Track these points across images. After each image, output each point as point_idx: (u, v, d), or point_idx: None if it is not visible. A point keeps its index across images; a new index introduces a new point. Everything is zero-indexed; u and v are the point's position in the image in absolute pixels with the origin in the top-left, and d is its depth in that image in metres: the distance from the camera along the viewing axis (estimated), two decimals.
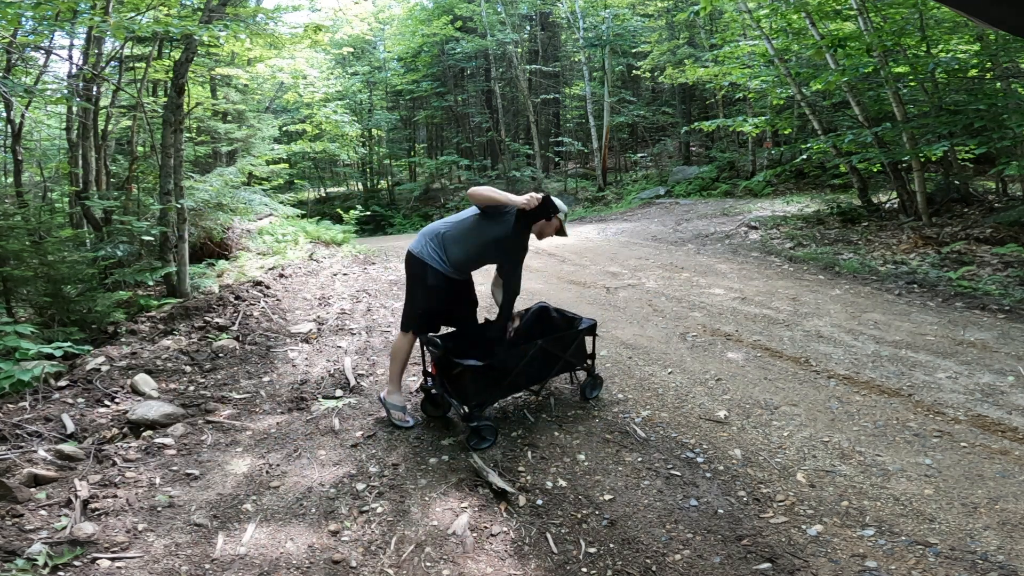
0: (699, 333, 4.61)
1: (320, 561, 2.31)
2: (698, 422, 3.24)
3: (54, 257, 4.98)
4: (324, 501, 2.70)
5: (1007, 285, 5.21)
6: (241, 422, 3.55)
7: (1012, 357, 3.81)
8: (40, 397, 3.71)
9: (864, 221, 8.12)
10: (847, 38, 7.34)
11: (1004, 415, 3.09)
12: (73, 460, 3.05)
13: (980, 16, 1.00)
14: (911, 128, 7.24)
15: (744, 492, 2.61)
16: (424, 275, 3.14)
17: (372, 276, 7.47)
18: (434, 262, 3.13)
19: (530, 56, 20.71)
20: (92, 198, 6.25)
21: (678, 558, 2.25)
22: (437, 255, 3.15)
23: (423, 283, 3.15)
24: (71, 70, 7.02)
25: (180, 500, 2.74)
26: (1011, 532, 2.24)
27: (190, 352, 4.66)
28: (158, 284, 6.35)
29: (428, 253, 3.14)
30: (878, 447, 2.88)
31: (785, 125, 10.94)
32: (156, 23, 5.07)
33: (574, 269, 7.22)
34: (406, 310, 3.33)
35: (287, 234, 9.40)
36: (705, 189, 14.39)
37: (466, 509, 2.60)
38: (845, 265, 6.39)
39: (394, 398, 3.36)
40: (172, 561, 2.32)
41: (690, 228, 9.72)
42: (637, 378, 3.83)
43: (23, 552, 2.28)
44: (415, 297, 3.23)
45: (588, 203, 16.09)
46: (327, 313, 5.72)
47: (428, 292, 3.16)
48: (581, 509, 2.56)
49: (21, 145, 6.54)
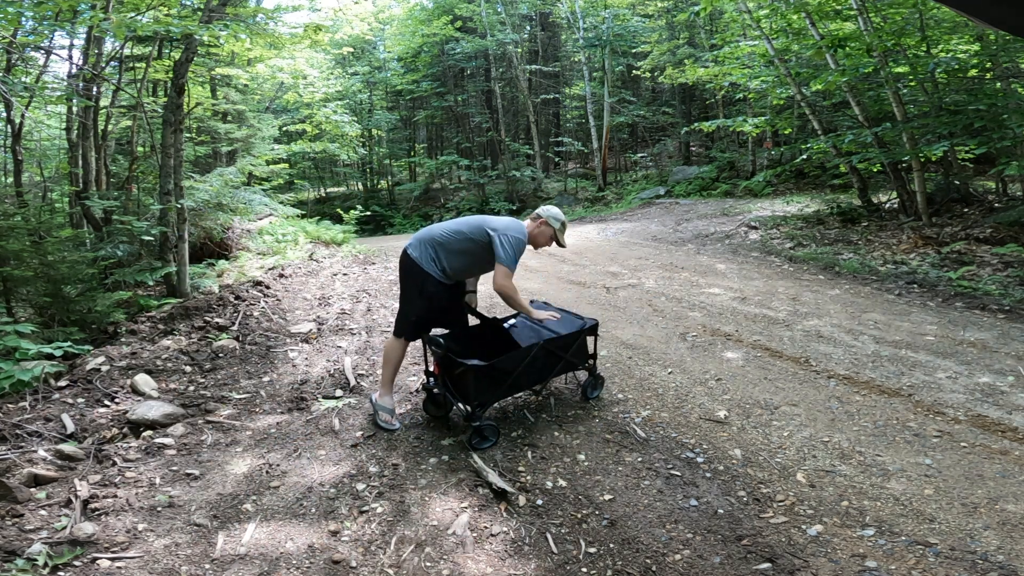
0: (699, 333, 4.61)
1: (320, 561, 2.31)
2: (698, 422, 3.24)
3: (54, 257, 4.98)
4: (324, 501, 2.70)
5: (1007, 285, 5.21)
6: (241, 422, 3.54)
7: (1012, 357, 3.81)
8: (40, 397, 3.71)
9: (864, 221, 8.12)
10: (847, 38, 7.34)
11: (1004, 415, 3.09)
12: (73, 460, 3.05)
13: (980, 16, 1.00)
14: (911, 128, 7.24)
15: (744, 492, 2.61)
16: (423, 284, 3.14)
17: (372, 276, 7.46)
18: (433, 271, 3.14)
19: (530, 56, 20.72)
20: (92, 198, 6.25)
21: (678, 558, 2.25)
22: (436, 264, 3.15)
23: (421, 292, 3.16)
24: (71, 70, 7.02)
25: (180, 500, 2.74)
26: (1011, 532, 2.24)
27: (190, 352, 4.66)
28: (158, 284, 6.35)
29: (427, 261, 3.14)
30: (878, 447, 2.88)
31: (785, 125, 10.94)
32: (156, 23, 5.07)
33: (574, 269, 7.22)
34: (400, 316, 3.32)
35: (287, 234, 9.40)
36: (705, 189, 14.39)
37: (466, 509, 2.60)
38: (845, 265, 6.39)
39: (384, 400, 3.36)
40: (172, 561, 2.32)
41: (690, 228, 9.72)
42: (637, 378, 3.83)
43: (23, 552, 2.28)
44: (412, 305, 3.23)
45: (588, 203, 16.09)
46: (327, 313, 5.72)
47: (426, 301, 3.17)
48: (581, 509, 2.56)
49: (21, 145, 6.54)
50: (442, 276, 3.16)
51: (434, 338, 3.19)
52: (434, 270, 3.13)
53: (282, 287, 6.64)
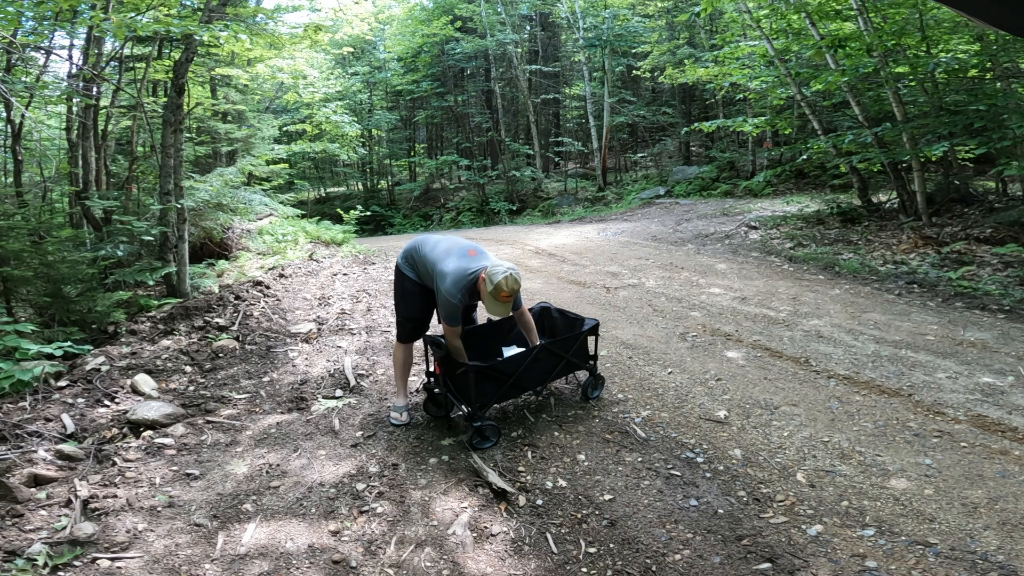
0: (699, 333, 4.61)
1: (320, 561, 2.31)
2: (698, 422, 3.24)
3: (54, 257, 4.98)
4: (324, 501, 2.70)
5: (1007, 285, 5.21)
6: (241, 422, 3.55)
7: (1012, 357, 3.81)
8: (40, 397, 3.71)
9: (864, 221, 8.12)
10: (847, 38, 7.33)
11: (1004, 415, 3.09)
12: (73, 460, 3.05)
13: (980, 16, 1.00)
14: (911, 128, 7.24)
15: (744, 492, 2.61)
16: (403, 284, 3.33)
17: (372, 276, 7.46)
18: (410, 273, 3.31)
19: (530, 56, 20.70)
20: (92, 198, 6.25)
21: (678, 558, 2.25)
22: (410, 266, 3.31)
23: (403, 293, 3.34)
24: (71, 70, 7.02)
25: (180, 500, 2.74)
26: (1011, 532, 2.24)
27: (190, 352, 4.66)
28: (158, 284, 6.35)
29: (406, 267, 3.32)
30: (878, 447, 2.88)
31: (785, 125, 10.92)
32: (156, 23, 5.07)
33: (574, 269, 7.22)
34: (396, 320, 3.51)
35: (287, 234, 9.39)
36: (705, 189, 14.38)
37: (466, 509, 2.60)
38: (845, 265, 6.39)
39: (396, 399, 3.52)
40: (172, 561, 2.32)
41: (690, 228, 9.71)
42: (637, 378, 3.83)
43: (23, 552, 2.28)
44: (398, 307, 3.43)
45: (588, 203, 16.08)
46: (327, 313, 5.72)
47: (405, 298, 3.34)
48: (581, 509, 2.56)
49: (21, 145, 6.54)
50: (418, 278, 3.29)
51: (435, 338, 3.20)
52: (410, 272, 3.31)
53: (282, 287, 6.64)
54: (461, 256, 3.05)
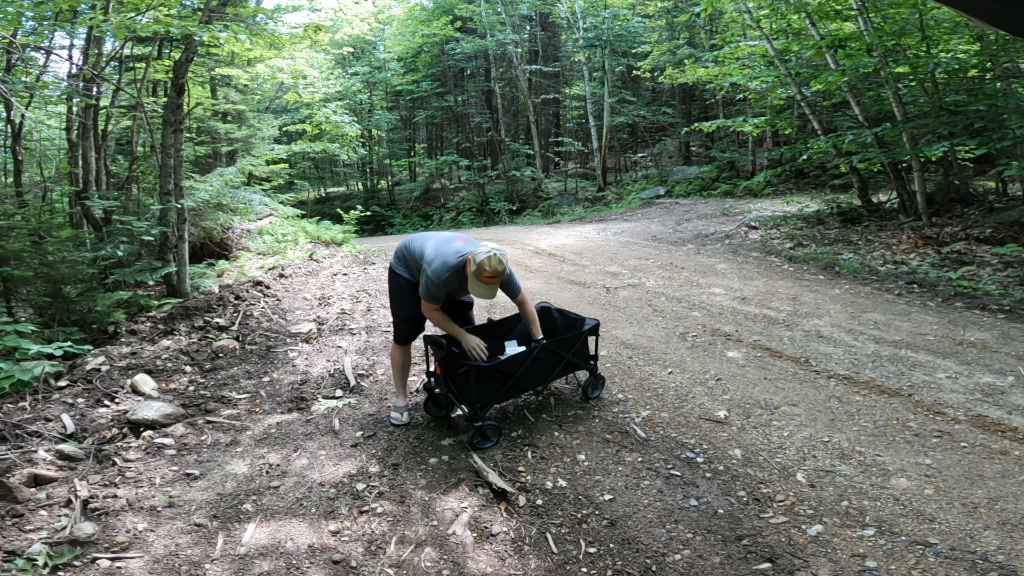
0: (699, 333, 4.61)
1: (320, 561, 2.31)
2: (698, 422, 3.24)
3: (54, 257, 4.98)
4: (324, 501, 2.71)
5: (1007, 285, 5.21)
6: (241, 422, 3.55)
7: (1012, 357, 3.81)
8: (40, 397, 3.71)
9: (864, 221, 8.11)
10: (847, 38, 7.33)
11: (1004, 415, 3.09)
12: (73, 460, 3.05)
13: (980, 16, 1.01)
14: (911, 128, 7.24)
15: (744, 492, 2.61)
16: (397, 283, 3.33)
17: (372, 276, 7.46)
18: (402, 272, 3.31)
19: (530, 56, 20.70)
20: (92, 198, 6.25)
21: (678, 558, 2.25)
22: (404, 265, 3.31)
23: (398, 293, 3.34)
24: (71, 70, 7.02)
25: (180, 500, 2.74)
26: (1011, 532, 2.24)
27: (190, 352, 4.66)
28: (158, 284, 6.35)
29: (399, 266, 3.32)
30: (878, 447, 2.88)
31: (785, 125, 10.92)
32: (156, 23, 5.07)
33: (574, 269, 7.22)
34: (393, 321, 3.50)
35: (287, 234, 9.39)
36: (705, 189, 14.38)
37: (466, 509, 2.60)
38: (845, 265, 6.39)
39: (396, 400, 3.52)
40: (172, 561, 2.32)
41: (690, 228, 9.71)
42: (637, 378, 3.83)
43: (23, 552, 2.28)
44: (393, 307, 3.43)
45: (588, 203, 16.08)
46: (327, 313, 5.72)
47: (401, 298, 3.33)
48: (581, 509, 2.57)
49: (21, 145, 6.54)
50: (411, 276, 3.29)
51: (436, 338, 3.20)
52: (403, 271, 3.31)
53: (282, 287, 6.64)
54: (449, 242, 3.11)
